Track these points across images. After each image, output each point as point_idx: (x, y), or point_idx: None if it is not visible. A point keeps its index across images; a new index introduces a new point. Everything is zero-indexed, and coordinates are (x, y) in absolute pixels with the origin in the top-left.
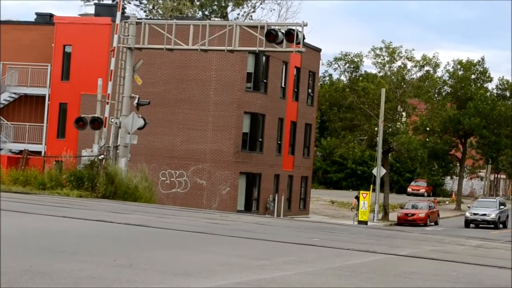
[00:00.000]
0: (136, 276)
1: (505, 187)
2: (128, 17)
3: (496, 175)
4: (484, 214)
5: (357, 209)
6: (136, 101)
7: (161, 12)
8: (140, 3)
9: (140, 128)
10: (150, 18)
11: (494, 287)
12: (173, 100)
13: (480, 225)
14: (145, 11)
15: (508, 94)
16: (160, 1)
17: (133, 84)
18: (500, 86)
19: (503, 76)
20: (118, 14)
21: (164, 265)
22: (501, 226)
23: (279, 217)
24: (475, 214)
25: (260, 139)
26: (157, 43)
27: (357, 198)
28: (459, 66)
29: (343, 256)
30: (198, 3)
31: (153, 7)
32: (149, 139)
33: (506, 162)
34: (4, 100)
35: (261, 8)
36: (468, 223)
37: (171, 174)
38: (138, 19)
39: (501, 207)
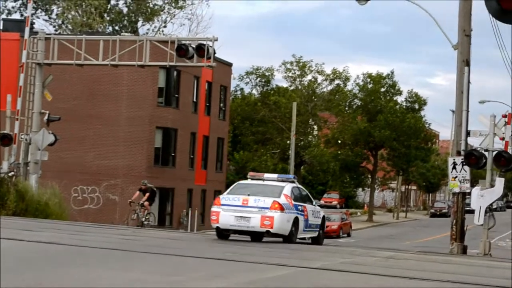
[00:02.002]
0: None
1: (415, 198)
2: (37, 32)
3: (406, 186)
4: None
5: (141, 205)
6: (46, 117)
7: (70, 27)
8: (49, 18)
9: (50, 144)
10: (60, 33)
11: None
12: (84, 116)
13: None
14: (54, 26)
15: (417, 106)
16: (70, 16)
17: (43, 100)
18: (409, 99)
19: (412, 89)
20: (27, 29)
21: (75, 283)
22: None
23: (192, 232)
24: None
25: (173, 154)
26: (67, 59)
27: (141, 190)
28: (368, 80)
29: (256, 270)
30: (108, 18)
31: (63, 22)
32: (60, 155)
33: (416, 173)
34: None
35: (172, 23)
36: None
37: (83, 190)
38: (47, 34)
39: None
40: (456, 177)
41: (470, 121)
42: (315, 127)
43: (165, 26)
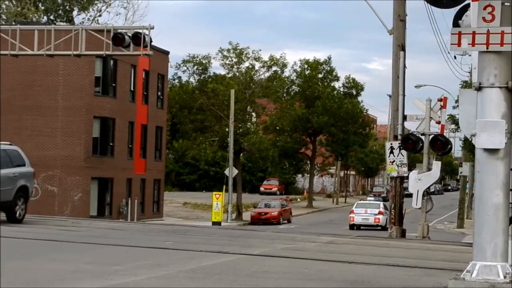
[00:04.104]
0: None
1: (354, 183)
2: None
3: (345, 172)
4: None
5: None
6: None
7: (4, 17)
8: None
9: None
10: None
11: (344, 282)
12: (20, 107)
13: None
14: None
15: (354, 92)
16: (4, 6)
17: None
18: (347, 85)
19: (349, 75)
20: None
21: (13, 275)
22: None
23: (132, 221)
24: None
25: (111, 144)
26: (1, 49)
27: None
28: (306, 66)
29: (196, 258)
30: (42, 7)
31: None
32: None
33: (354, 158)
34: None
35: (108, 12)
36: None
37: None
38: None
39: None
40: (394, 161)
41: (406, 105)
42: (254, 114)
43: (100, 16)
